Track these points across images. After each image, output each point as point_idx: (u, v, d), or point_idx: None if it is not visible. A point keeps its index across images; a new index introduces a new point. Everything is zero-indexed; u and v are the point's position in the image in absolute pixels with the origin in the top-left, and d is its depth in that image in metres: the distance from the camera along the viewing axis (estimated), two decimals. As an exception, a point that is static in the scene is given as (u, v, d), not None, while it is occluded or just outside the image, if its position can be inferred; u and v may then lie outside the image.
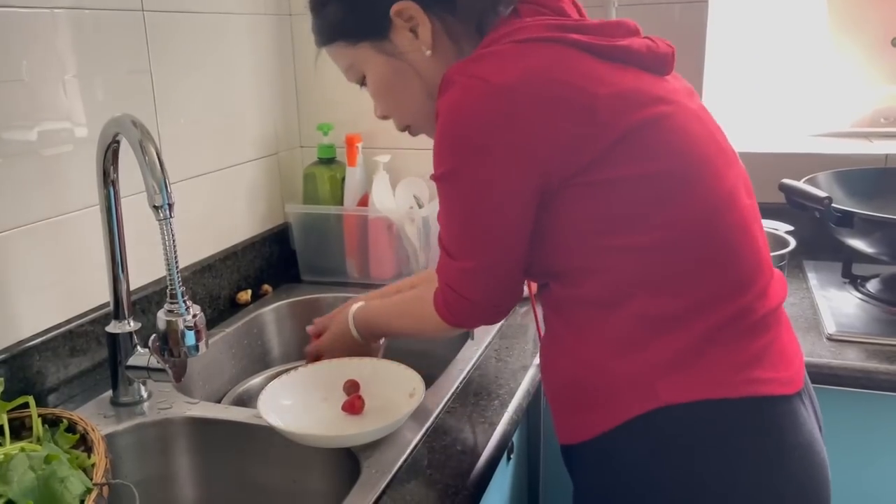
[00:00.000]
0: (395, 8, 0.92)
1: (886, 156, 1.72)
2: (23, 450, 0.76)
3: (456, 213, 0.90)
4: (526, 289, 1.48)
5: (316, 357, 1.22)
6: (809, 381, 0.94)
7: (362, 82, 1.01)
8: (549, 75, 0.82)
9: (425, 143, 1.69)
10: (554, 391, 0.96)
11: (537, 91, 0.81)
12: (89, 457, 0.82)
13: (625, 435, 0.85)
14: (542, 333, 1.00)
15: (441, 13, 0.93)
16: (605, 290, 0.86)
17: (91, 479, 0.77)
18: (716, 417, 0.83)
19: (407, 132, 1.04)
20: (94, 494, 0.75)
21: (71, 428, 0.89)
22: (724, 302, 0.85)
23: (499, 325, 1.39)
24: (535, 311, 1.13)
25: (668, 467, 0.84)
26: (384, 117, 1.04)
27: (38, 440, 0.84)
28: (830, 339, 1.33)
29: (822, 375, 1.25)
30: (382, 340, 1.24)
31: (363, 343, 1.19)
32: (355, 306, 1.20)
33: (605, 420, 0.87)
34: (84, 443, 0.87)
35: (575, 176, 0.83)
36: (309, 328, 1.28)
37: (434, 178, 0.89)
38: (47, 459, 0.74)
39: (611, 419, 0.86)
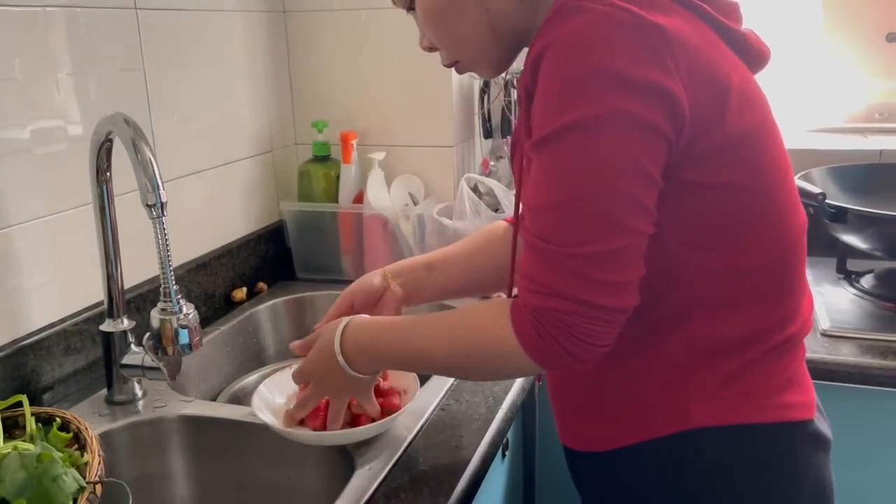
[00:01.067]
0: None
1: (881, 151, 1.72)
2: (15, 448, 0.76)
3: (582, 178, 0.70)
4: None
5: (305, 383, 0.98)
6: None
7: (410, 5, 0.87)
8: (697, 42, 0.72)
9: (420, 139, 1.71)
10: (570, 396, 0.91)
11: (690, 48, 0.71)
12: (82, 455, 0.82)
13: (648, 452, 0.83)
14: None
15: None
16: (664, 307, 0.79)
17: (84, 478, 0.77)
18: (744, 442, 0.81)
19: (453, 68, 0.91)
20: (87, 493, 0.75)
21: (64, 426, 0.89)
22: (780, 331, 0.82)
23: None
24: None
25: (689, 489, 0.82)
26: (430, 49, 0.90)
27: (32, 439, 0.84)
28: (825, 334, 1.33)
29: (816, 371, 1.23)
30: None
31: (354, 377, 0.91)
32: (347, 320, 0.92)
33: (630, 434, 0.84)
34: (77, 441, 0.87)
35: (680, 165, 0.73)
36: (293, 344, 1.01)
37: (544, 137, 0.71)
38: (40, 458, 0.74)
39: (636, 434, 0.83)
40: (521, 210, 0.82)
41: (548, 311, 0.72)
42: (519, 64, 0.85)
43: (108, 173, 1.07)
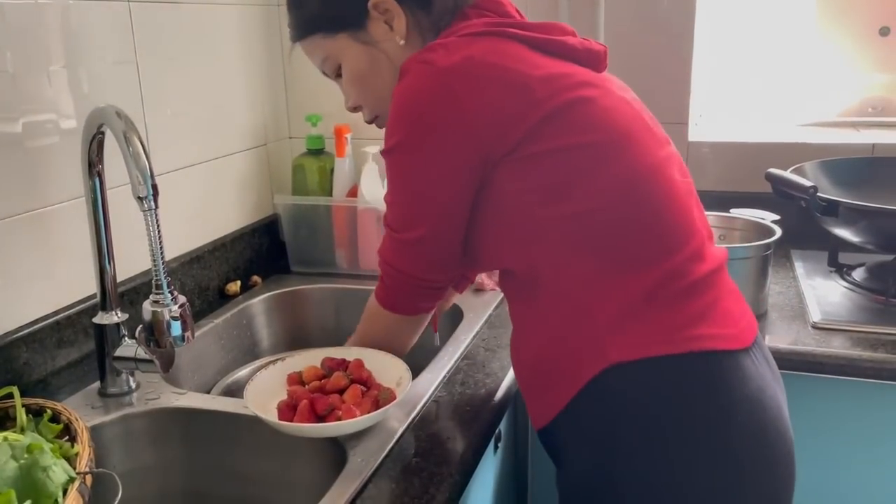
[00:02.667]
0: (372, 0, 0.99)
1: (874, 145, 1.72)
2: (5, 439, 0.76)
3: (402, 186, 0.96)
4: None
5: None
6: (765, 345, 0.97)
7: (337, 72, 1.06)
8: (487, 59, 0.89)
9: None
10: (523, 377, 1.00)
11: (476, 72, 0.89)
12: (73, 446, 0.82)
13: (585, 400, 0.89)
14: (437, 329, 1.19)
15: (413, 8, 1.00)
16: (548, 263, 0.91)
17: (74, 469, 0.77)
18: (663, 374, 0.87)
19: (374, 124, 1.08)
20: (76, 483, 0.75)
21: (55, 418, 0.89)
22: (655, 263, 0.89)
23: (487, 314, 1.39)
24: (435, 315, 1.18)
25: (627, 425, 0.87)
26: (355, 109, 1.08)
27: (22, 430, 0.85)
28: (816, 327, 1.33)
29: (807, 363, 1.26)
30: None
31: None
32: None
33: (568, 390, 0.90)
34: (68, 432, 0.87)
35: (512, 152, 0.89)
36: None
37: (383, 152, 0.95)
38: (30, 448, 0.75)
39: (572, 388, 0.90)
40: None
41: (381, 267, 1.03)
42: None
43: (99, 166, 1.07)
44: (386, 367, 1.08)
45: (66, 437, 0.86)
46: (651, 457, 0.86)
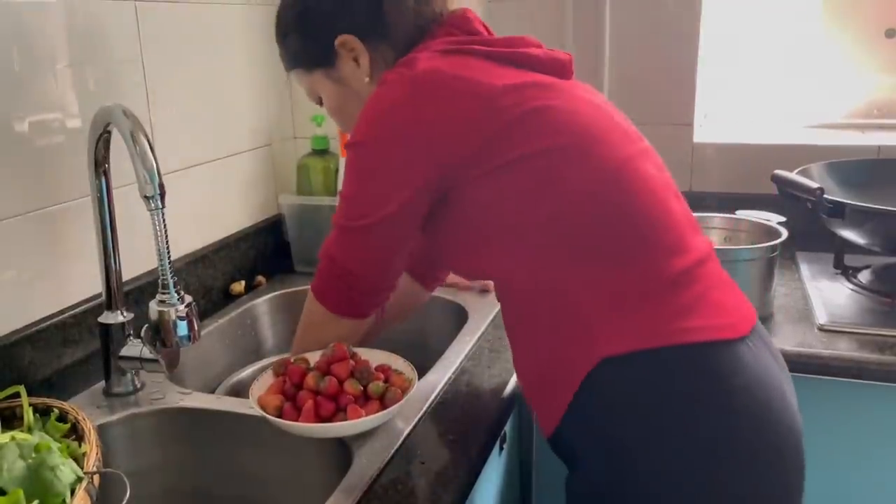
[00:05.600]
0: (338, 40, 1.04)
1: (879, 147, 1.72)
2: (13, 439, 0.76)
3: (356, 181, 0.98)
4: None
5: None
6: (766, 334, 0.97)
7: (320, 102, 1.13)
8: (452, 72, 0.93)
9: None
10: (526, 388, 1.00)
11: (440, 82, 0.92)
12: (80, 446, 0.82)
13: (584, 398, 0.89)
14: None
15: (376, 43, 1.04)
16: (527, 268, 0.93)
17: (82, 468, 0.77)
18: (655, 366, 0.87)
19: None
20: (84, 483, 0.75)
21: (62, 417, 0.89)
22: (633, 258, 0.90)
23: (492, 315, 1.39)
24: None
25: (628, 420, 0.87)
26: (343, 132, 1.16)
27: (29, 429, 0.84)
28: (822, 329, 1.33)
29: (813, 366, 1.25)
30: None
31: None
32: None
33: (566, 392, 0.90)
34: (75, 432, 0.87)
35: (477, 163, 0.91)
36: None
37: (347, 145, 0.98)
38: (38, 448, 0.74)
39: (569, 389, 0.90)
40: None
41: (322, 261, 1.03)
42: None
43: (106, 165, 1.07)
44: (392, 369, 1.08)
45: (74, 437, 0.86)
46: (657, 451, 0.86)
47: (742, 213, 1.51)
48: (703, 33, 1.76)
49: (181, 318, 1.00)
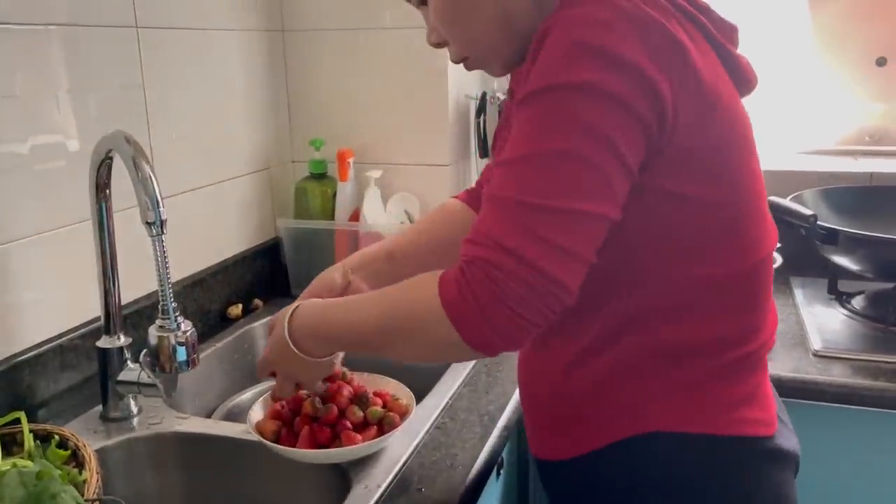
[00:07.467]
0: None
1: (871, 174, 1.74)
2: (14, 465, 0.76)
3: (555, 133, 0.70)
4: None
5: (271, 373, 0.96)
6: (784, 410, 0.95)
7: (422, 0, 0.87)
8: (693, 49, 0.75)
9: (416, 157, 1.72)
10: (537, 404, 0.94)
11: (684, 54, 0.74)
12: (80, 473, 0.82)
13: (612, 455, 0.85)
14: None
15: None
16: (625, 310, 0.81)
17: (83, 496, 0.77)
18: (701, 451, 0.83)
19: (462, 65, 0.90)
20: (85, 510, 0.75)
21: (62, 444, 0.89)
22: (741, 345, 0.84)
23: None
24: None
25: (649, 492, 0.84)
26: (438, 45, 0.89)
27: (30, 456, 0.85)
28: (816, 355, 1.34)
29: (807, 391, 1.26)
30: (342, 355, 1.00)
31: (310, 361, 0.90)
32: (296, 305, 0.92)
33: (594, 439, 0.86)
34: (75, 458, 0.87)
35: (654, 165, 0.74)
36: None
37: (530, 93, 0.72)
38: (39, 475, 0.75)
39: (599, 439, 0.86)
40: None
41: (477, 259, 0.70)
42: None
43: (107, 190, 1.08)
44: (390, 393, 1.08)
45: (74, 464, 0.86)
46: None
47: (736, 239, 1.51)
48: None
49: (180, 344, 1.00)
